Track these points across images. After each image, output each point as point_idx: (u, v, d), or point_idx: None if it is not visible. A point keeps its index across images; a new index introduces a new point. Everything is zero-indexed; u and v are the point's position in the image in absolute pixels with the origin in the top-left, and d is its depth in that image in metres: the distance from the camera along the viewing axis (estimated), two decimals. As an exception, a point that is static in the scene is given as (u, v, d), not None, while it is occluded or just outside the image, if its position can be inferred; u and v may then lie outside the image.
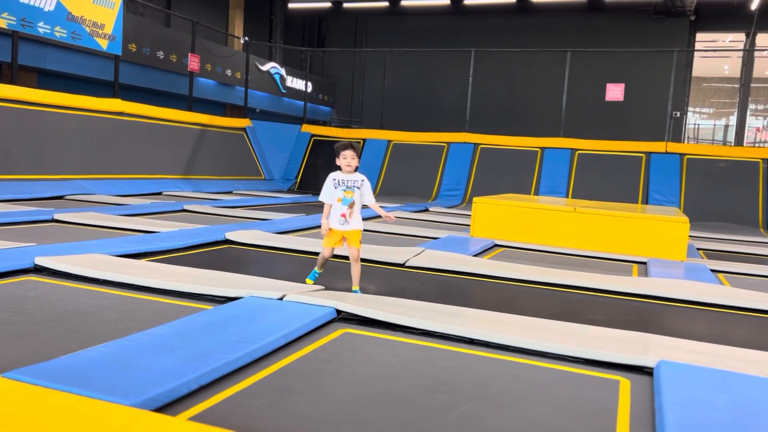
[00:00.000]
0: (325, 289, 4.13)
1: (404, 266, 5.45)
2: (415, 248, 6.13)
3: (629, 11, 18.89)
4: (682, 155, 14.08)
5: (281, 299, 3.66)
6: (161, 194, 11.43)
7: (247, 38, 16.94)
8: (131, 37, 12.96)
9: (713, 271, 6.31)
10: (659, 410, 2.35)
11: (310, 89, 19.28)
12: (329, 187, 4.20)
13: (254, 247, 6.05)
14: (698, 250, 8.18)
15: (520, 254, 6.89)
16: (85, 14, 10.92)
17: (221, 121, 15.03)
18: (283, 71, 18.74)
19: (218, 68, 15.97)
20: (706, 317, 4.39)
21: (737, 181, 13.45)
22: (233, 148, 15.08)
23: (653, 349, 3.08)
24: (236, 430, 2.06)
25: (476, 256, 6.33)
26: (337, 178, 4.21)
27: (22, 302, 3.50)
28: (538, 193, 14.20)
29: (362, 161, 13.51)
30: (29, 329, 3.04)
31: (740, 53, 20.01)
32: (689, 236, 8.30)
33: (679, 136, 19.00)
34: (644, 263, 6.73)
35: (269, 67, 18.11)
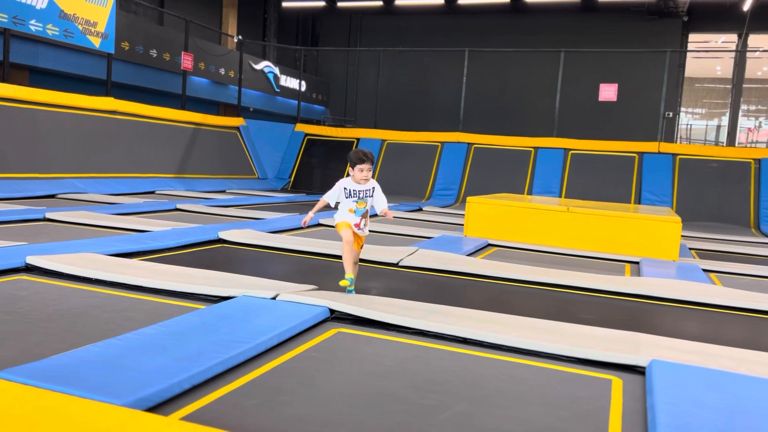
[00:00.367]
0: (318, 288, 4.12)
1: (398, 266, 5.46)
2: (408, 248, 6.13)
3: (622, 12, 18.96)
4: (674, 155, 14.14)
5: (274, 299, 3.65)
6: (154, 193, 11.39)
7: (240, 37, 16.90)
8: (124, 35, 12.90)
9: (705, 270, 6.34)
10: (651, 409, 2.36)
11: (303, 88, 19.26)
12: (337, 192, 4.04)
13: (247, 246, 6.04)
14: (690, 249, 8.22)
15: (513, 254, 6.91)
16: (77, 12, 10.86)
17: (214, 119, 14.98)
18: (276, 70, 18.70)
19: (212, 67, 15.92)
20: (698, 317, 4.41)
21: (729, 181, 13.52)
22: (227, 147, 15.04)
23: (645, 348, 3.09)
24: (229, 429, 2.05)
25: (470, 255, 6.34)
26: (348, 187, 4.00)
27: (13, 302, 3.48)
28: (531, 192, 14.23)
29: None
30: (21, 329, 3.03)
31: (732, 54, 20.11)
32: (681, 236, 8.35)
33: (671, 136, 19.08)
34: (637, 263, 6.76)
35: (263, 65, 18.06)
